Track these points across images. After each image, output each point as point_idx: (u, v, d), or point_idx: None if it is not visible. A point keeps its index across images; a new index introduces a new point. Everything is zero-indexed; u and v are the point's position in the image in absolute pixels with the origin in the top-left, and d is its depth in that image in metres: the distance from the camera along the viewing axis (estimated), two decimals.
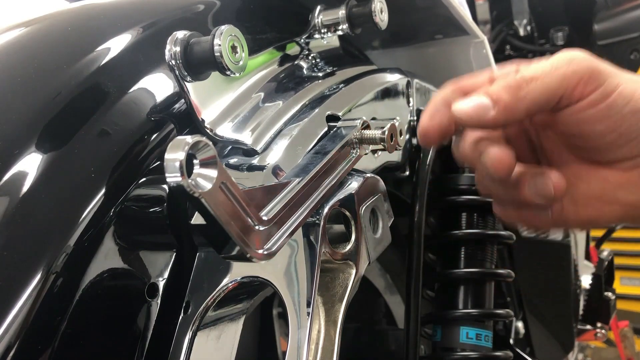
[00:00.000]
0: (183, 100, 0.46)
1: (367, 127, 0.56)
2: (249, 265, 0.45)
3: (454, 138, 0.52)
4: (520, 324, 1.04)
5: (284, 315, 1.07)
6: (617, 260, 1.41)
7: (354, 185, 0.51)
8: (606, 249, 1.47)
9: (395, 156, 0.67)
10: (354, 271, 0.48)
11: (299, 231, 0.46)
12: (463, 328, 0.70)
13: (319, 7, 0.63)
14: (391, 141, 0.56)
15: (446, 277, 0.74)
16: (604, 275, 1.33)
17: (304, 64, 0.62)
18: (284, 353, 0.44)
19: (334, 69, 0.64)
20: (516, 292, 1.01)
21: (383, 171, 0.64)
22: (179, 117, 0.46)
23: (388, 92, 0.68)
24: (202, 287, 0.45)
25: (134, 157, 0.42)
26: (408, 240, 0.66)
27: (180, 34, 0.43)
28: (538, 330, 1.07)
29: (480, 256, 0.73)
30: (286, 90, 0.56)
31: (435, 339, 0.72)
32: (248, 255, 0.38)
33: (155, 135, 0.44)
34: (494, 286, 0.74)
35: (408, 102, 0.72)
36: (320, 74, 0.62)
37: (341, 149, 0.52)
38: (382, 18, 0.62)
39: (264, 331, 1.06)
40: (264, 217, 0.40)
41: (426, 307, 0.71)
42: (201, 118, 0.46)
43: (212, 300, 0.45)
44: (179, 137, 0.34)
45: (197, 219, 0.42)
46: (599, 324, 1.35)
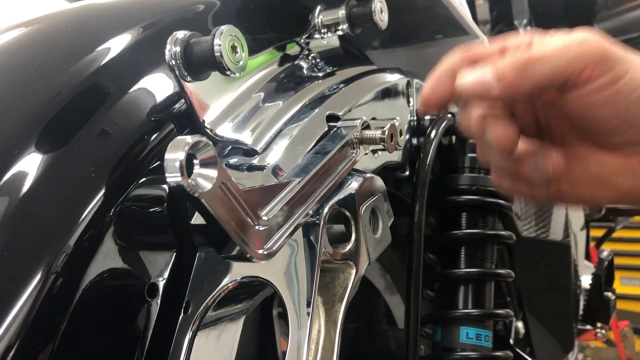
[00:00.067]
0: (183, 100, 0.46)
1: (367, 127, 0.56)
2: (249, 265, 0.45)
3: (458, 107, 0.52)
4: (520, 324, 1.04)
5: (284, 315, 1.07)
6: (617, 260, 1.41)
7: (354, 185, 0.51)
8: (606, 249, 1.47)
9: (395, 156, 0.67)
10: (354, 271, 0.48)
11: (299, 231, 0.46)
12: (463, 328, 0.70)
13: (319, 7, 0.63)
14: (391, 141, 0.56)
15: (446, 277, 0.74)
16: (604, 275, 1.33)
17: (304, 64, 0.62)
18: (284, 353, 0.44)
19: (334, 69, 0.64)
20: (516, 292, 1.01)
21: (383, 171, 0.64)
22: (179, 117, 0.46)
23: (388, 92, 0.68)
24: (202, 287, 0.45)
25: (134, 157, 0.42)
26: (408, 240, 0.66)
27: (180, 34, 0.43)
28: (538, 330, 1.07)
29: (480, 256, 0.73)
30: (286, 90, 0.56)
31: (435, 339, 0.72)
32: (248, 255, 0.38)
33: (155, 135, 0.44)
34: (494, 286, 0.74)
35: (408, 102, 0.72)
36: (320, 74, 0.62)
37: (341, 149, 0.52)
38: (382, 18, 0.62)
39: (264, 331, 1.06)
40: (264, 217, 0.40)
41: (426, 307, 0.71)
42: (201, 118, 0.46)
43: (212, 300, 0.45)
44: (179, 137, 0.34)
45: (197, 219, 0.42)
46: (599, 324, 1.35)
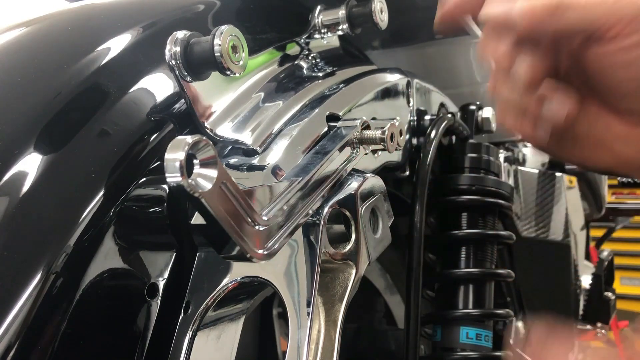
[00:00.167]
0: (183, 100, 0.46)
1: (367, 127, 0.56)
2: (249, 265, 0.45)
3: (481, 35, 0.51)
4: (520, 324, 1.04)
5: (284, 315, 1.07)
6: (617, 260, 1.41)
7: (354, 185, 0.51)
8: (606, 249, 1.47)
9: (395, 156, 0.67)
10: (354, 271, 0.48)
11: (299, 231, 0.46)
12: (463, 328, 0.70)
13: (319, 7, 0.63)
14: (391, 141, 0.56)
15: (446, 277, 0.74)
16: (604, 275, 1.32)
17: (304, 64, 0.62)
18: (284, 353, 0.44)
19: (334, 69, 0.64)
20: (516, 292, 1.01)
21: (383, 171, 0.64)
22: (179, 117, 0.46)
23: (388, 92, 0.68)
24: (202, 287, 0.45)
25: (134, 157, 0.42)
26: (408, 240, 0.66)
27: (180, 34, 0.43)
28: None
29: (480, 256, 0.73)
30: (286, 90, 0.56)
31: (435, 339, 0.72)
32: (248, 255, 0.38)
33: (155, 135, 0.44)
34: (494, 286, 0.74)
35: (408, 102, 0.72)
36: (320, 74, 0.62)
37: (341, 149, 0.52)
38: (382, 18, 0.62)
39: (264, 331, 1.06)
40: (264, 217, 0.40)
41: (426, 307, 0.71)
42: (201, 118, 0.46)
43: (212, 300, 0.45)
44: (179, 137, 0.34)
45: (197, 219, 0.42)
46: (599, 324, 1.35)
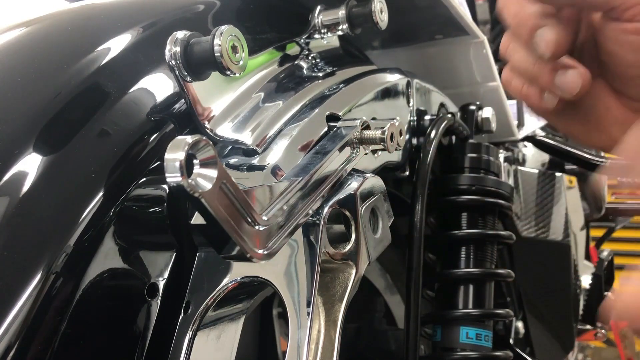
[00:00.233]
0: (183, 100, 0.46)
1: (367, 127, 0.56)
2: (249, 265, 0.45)
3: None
4: (520, 324, 1.04)
5: (284, 315, 1.07)
6: (617, 260, 1.41)
7: (354, 185, 0.51)
8: (606, 249, 1.47)
9: (395, 156, 0.67)
10: (354, 271, 0.48)
11: (299, 231, 0.46)
12: (463, 328, 0.70)
13: (319, 7, 0.63)
14: (391, 141, 0.56)
15: (446, 277, 0.74)
16: (604, 275, 1.32)
17: (304, 64, 0.62)
18: (284, 353, 0.44)
19: (334, 69, 0.64)
20: (516, 292, 1.01)
21: (383, 171, 0.64)
22: (179, 117, 0.46)
23: (388, 92, 0.68)
24: (202, 287, 0.45)
25: (134, 157, 0.42)
26: (408, 240, 0.66)
27: (180, 34, 0.43)
28: (538, 330, 1.07)
29: (480, 256, 0.73)
30: (286, 90, 0.56)
31: (435, 339, 0.72)
32: (248, 255, 0.38)
33: (155, 135, 0.44)
34: (494, 286, 0.74)
35: (408, 102, 0.72)
36: (320, 74, 0.62)
37: (341, 149, 0.52)
38: (382, 18, 0.62)
39: (264, 331, 1.06)
40: (264, 217, 0.40)
41: (426, 307, 0.71)
42: (201, 118, 0.46)
43: (212, 300, 0.45)
44: (179, 137, 0.34)
45: (197, 219, 0.42)
46: (599, 324, 1.35)
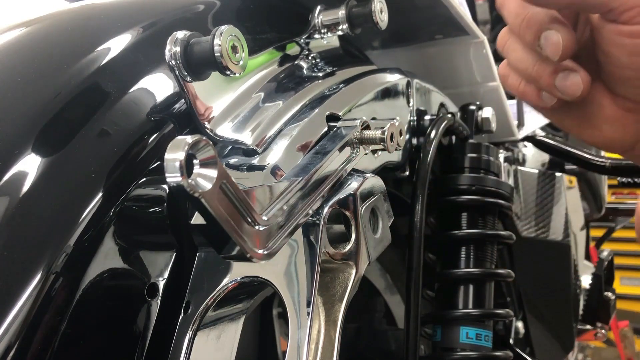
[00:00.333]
0: (183, 100, 0.46)
1: (367, 127, 0.56)
2: (249, 265, 0.45)
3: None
4: (520, 324, 1.04)
5: (284, 315, 1.07)
6: (617, 260, 1.41)
7: (354, 185, 0.51)
8: (606, 249, 1.47)
9: (395, 156, 0.67)
10: (354, 271, 0.48)
11: (299, 231, 0.46)
12: (463, 328, 0.70)
13: (319, 7, 0.63)
14: (391, 141, 0.56)
15: (446, 277, 0.74)
16: (604, 275, 1.32)
17: (304, 64, 0.62)
18: (284, 353, 0.44)
19: (334, 69, 0.64)
20: (516, 292, 1.01)
21: (383, 171, 0.64)
22: (179, 117, 0.46)
23: (388, 92, 0.68)
24: (202, 287, 0.45)
25: (134, 157, 0.42)
26: (408, 240, 0.66)
27: (180, 34, 0.43)
28: (538, 330, 1.07)
29: (480, 256, 0.73)
30: (286, 90, 0.56)
31: (435, 339, 0.72)
32: (248, 255, 0.38)
33: (155, 135, 0.44)
34: (494, 286, 0.74)
35: (408, 102, 0.72)
36: (320, 74, 0.62)
37: (341, 149, 0.52)
38: (382, 18, 0.62)
39: (264, 331, 1.06)
40: (264, 217, 0.40)
41: (426, 307, 0.71)
42: (201, 118, 0.46)
43: (212, 300, 0.45)
44: (179, 137, 0.34)
45: (197, 219, 0.42)
46: (599, 324, 1.35)
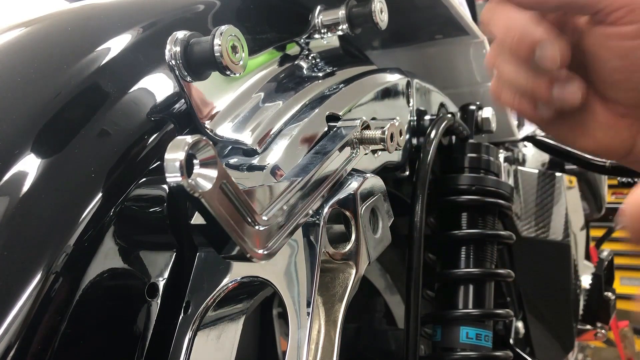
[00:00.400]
0: (183, 100, 0.46)
1: (367, 127, 0.56)
2: (249, 265, 0.45)
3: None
4: (520, 324, 1.04)
5: (284, 315, 1.07)
6: (617, 260, 1.41)
7: (354, 185, 0.51)
8: (606, 249, 1.47)
9: (395, 156, 0.67)
10: (354, 271, 0.48)
11: (299, 231, 0.46)
12: (463, 328, 0.70)
13: (319, 7, 0.63)
14: (391, 141, 0.56)
15: (446, 277, 0.74)
16: (604, 275, 1.32)
17: (304, 64, 0.62)
18: (284, 353, 0.44)
19: (334, 69, 0.64)
20: (516, 292, 1.01)
21: (383, 171, 0.64)
22: (179, 117, 0.46)
23: (388, 92, 0.68)
24: (202, 287, 0.45)
25: (134, 157, 0.42)
26: (408, 240, 0.66)
27: (180, 34, 0.43)
28: (538, 330, 1.07)
29: (480, 256, 0.73)
30: (286, 90, 0.56)
31: (435, 339, 0.72)
32: (248, 255, 0.38)
33: (155, 135, 0.44)
34: (494, 286, 0.74)
35: (408, 102, 0.72)
36: (320, 74, 0.62)
37: (341, 149, 0.52)
38: (382, 18, 0.62)
39: (264, 331, 1.06)
40: (264, 217, 0.40)
41: (426, 307, 0.71)
42: (201, 118, 0.46)
43: (212, 300, 0.45)
44: (179, 137, 0.34)
45: (197, 219, 0.42)
46: (599, 324, 1.35)
